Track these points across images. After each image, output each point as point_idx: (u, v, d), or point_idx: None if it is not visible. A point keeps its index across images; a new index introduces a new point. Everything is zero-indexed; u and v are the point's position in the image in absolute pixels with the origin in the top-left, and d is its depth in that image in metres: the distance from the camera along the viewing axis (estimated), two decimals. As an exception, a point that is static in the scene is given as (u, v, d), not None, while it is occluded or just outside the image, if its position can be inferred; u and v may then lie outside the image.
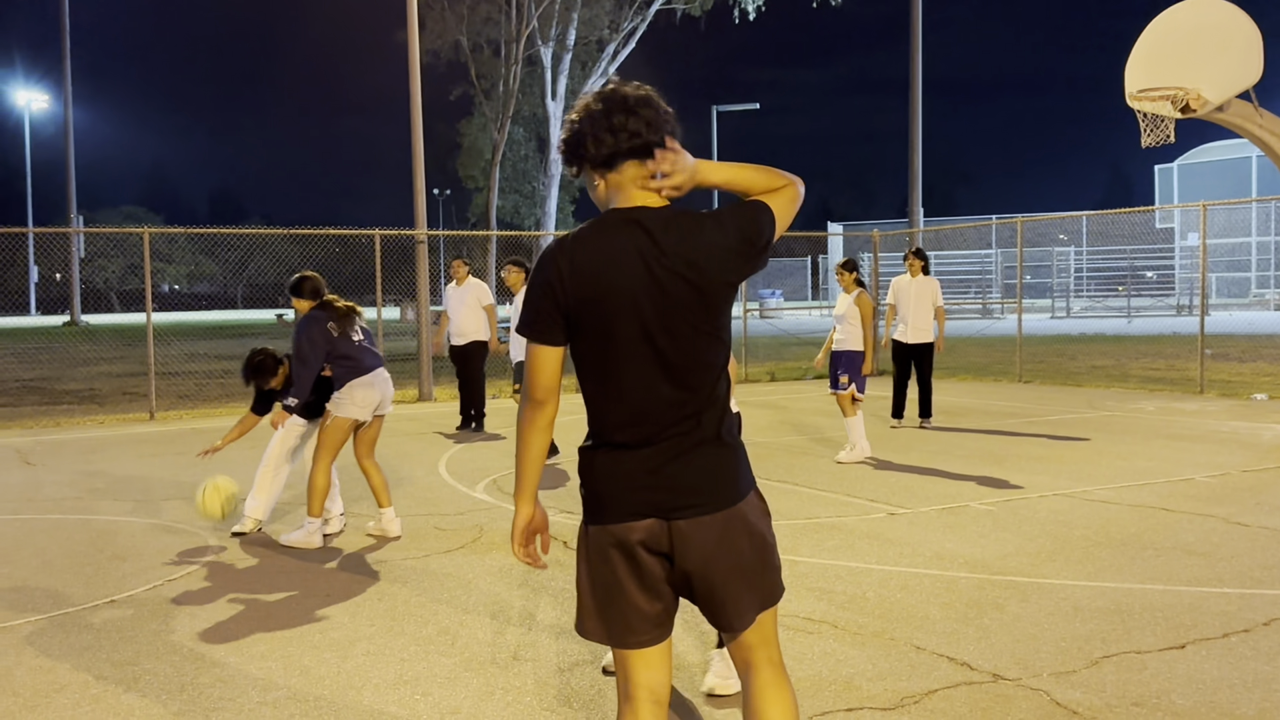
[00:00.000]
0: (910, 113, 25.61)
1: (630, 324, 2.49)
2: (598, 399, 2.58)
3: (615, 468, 2.54)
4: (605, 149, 2.54)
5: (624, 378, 2.52)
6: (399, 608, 5.39)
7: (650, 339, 2.50)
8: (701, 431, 2.54)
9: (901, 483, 8.41)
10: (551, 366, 2.57)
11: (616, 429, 2.54)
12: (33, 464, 10.38)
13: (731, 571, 2.54)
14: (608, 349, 2.52)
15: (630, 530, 2.52)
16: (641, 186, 2.56)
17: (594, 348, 2.54)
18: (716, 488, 2.54)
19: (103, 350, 28.81)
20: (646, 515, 2.52)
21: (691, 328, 2.51)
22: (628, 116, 2.53)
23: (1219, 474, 8.57)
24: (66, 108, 46.58)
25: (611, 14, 34.51)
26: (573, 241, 2.53)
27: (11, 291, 61.91)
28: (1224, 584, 5.51)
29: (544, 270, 2.54)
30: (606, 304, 2.48)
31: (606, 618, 2.58)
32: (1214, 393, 14.59)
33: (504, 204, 46.79)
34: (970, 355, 22.66)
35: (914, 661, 4.48)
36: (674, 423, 2.52)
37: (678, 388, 2.52)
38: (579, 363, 2.60)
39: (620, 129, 2.53)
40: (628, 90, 2.57)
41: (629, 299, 2.48)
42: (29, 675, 4.52)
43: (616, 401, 2.54)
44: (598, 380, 2.56)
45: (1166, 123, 9.52)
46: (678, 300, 2.49)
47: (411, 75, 16.86)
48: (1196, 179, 50.15)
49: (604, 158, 2.55)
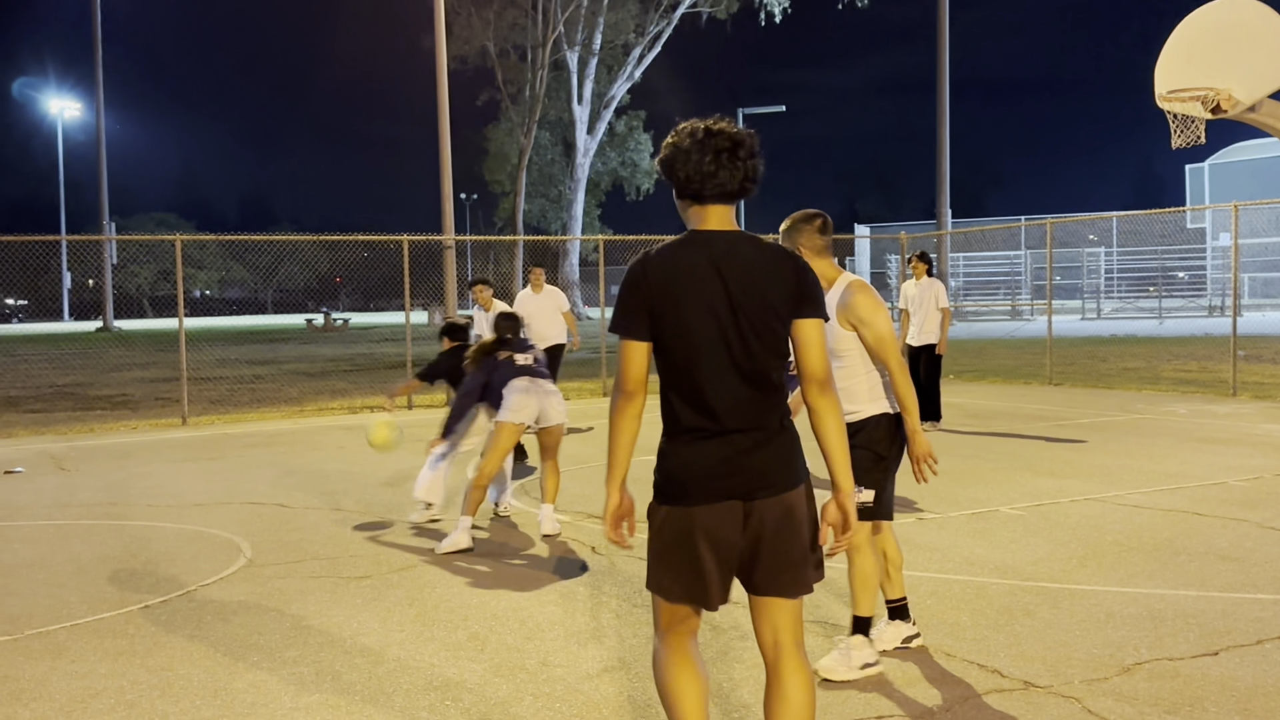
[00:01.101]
0: (938, 113, 25.51)
1: (707, 329, 2.88)
2: (675, 395, 2.93)
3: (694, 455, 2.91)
4: (701, 187, 2.92)
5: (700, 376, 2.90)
6: (429, 613, 5.42)
7: (726, 344, 2.88)
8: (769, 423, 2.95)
9: (930, 487, 8.35)
10: (640, 360, 2.92)
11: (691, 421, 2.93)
12: (67, 469, 10.50)
13: (790, 546, 2.94)
14: (687, 351, 2.90)
15: (709, 512, 2.88)
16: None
17: (674, 349, 2.91)
18: (783, 472, 2.94)
19: (135, 356, 29.11)
20: (725, 498, 2.88)
21: (757, 335, 2.89)
22: (733, 161, 2.90)
23: (1252, 478, 8.49)
24: (99, 115, 47.07)
25: (637, 18, 34.61)
26: (656, 255, 2.92)
27: (45, 297, 62.66)
28: (1258, 590, 5.46)
29: (631, 277, 2.93)
30: (685, 310, 2.87)
31: (671, 573, 2.94)
32: (1247, 395, 14.44)
33: (530, 208, 46.95)
34: (1000, 358, 22.53)
35: (945, 669, 4.46)
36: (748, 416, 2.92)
37: (750, 386, 2.90)
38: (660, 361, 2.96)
39: (717, 173, 2.91)
40: (740, 135, 2.92)
41: (706, 307, 2.86)
42: (64, 681, 4.57)
43: (693, 397, 2.90)
44: (677, 377, 2.93)
45: (1197, 123, 9.42)
46: (747, 309, 2.88)
47: (439, 81, 16.97)
48: (1228, 179, 49.61)
49: (694, 193, 2.95)
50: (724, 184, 2.90)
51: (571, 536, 7.03)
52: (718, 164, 2.88)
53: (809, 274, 2.96)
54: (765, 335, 2.89)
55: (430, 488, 7.44)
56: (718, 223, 2.94)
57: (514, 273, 30.96)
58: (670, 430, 2.95)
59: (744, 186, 2.93)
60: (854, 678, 4.34)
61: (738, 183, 2.91)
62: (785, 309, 2.91)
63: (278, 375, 22.68)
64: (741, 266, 2.87)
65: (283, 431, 13.23)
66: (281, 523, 7.68)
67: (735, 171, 2.90)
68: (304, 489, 9.01)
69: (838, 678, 4.34)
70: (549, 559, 6.47)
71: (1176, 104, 9.50)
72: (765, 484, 2.89)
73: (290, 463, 10.55)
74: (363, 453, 11.08)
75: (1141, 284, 47.20)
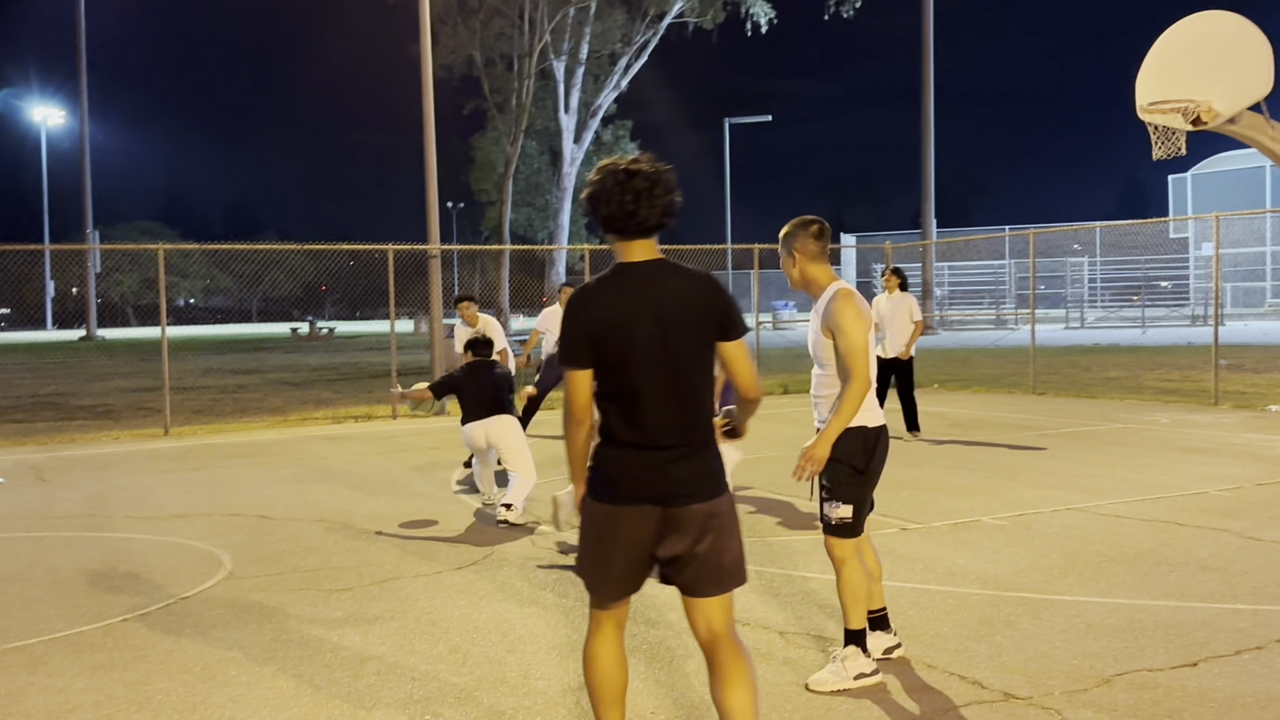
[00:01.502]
0: (923, 124, 25.62)
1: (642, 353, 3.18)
2: (613, 410, 3.24)
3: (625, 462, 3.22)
4: (624, 224, 3.20)
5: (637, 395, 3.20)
6: (410, 626, 5.40)
7: (659, 366, 3.17)
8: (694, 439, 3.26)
9: (914, 497, 8.40)
10: (586, 388, 3.24)
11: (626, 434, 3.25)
12: (47, 480, 10.44)
13: (712, 549, 3.23)
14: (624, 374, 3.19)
15: (633, 512, 3.20)
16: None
17: (613, 373, 3.21)
18: (704, 483, 3.23)
19: (118, 365, 28.99)
20: (646, 502, 3.19)
21: (687, 357, 3.19)
22: (650, 199, 3.16)
23: (1233, 487, 8.53)
24: (83, 123, 46.96)
25: (624, 27, 34.65)
26: (593, 289, 3.22)
27: (28, 306, 62.36)
28: (1237, 600, 5.48)
29: (570, 311, 3.22)
30: (621, 338, 3.16)
31: (595, 564, 3.30)
32: (1229, 404, 14.52)
33: (517, 217, 46.91)
34: (984, 367, 22.61)
35: (925, 680, 4.46)
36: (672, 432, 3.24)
37: (679, 404, 3.21)
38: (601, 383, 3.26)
39: (635, 209, 3.18)
40: (657, 174, 3.18)
41: (640, 334, 3.15)
42: (41, 695, 4.54)
43: (628, 413, 3.20)
44: (614, 397, 3.24)
45: (1178, 135, 9.49)
46: (676, 335, 3.18)
47: (425, 90, 16.95)
48: (1210, 189, 49.94)
49: (617, 229, 3.21)
50: (644, 220, 3.17)
51: (551, 548, 7.01)
52: (637, 202, 3.15)
53: (730, 299, 3.26)
54: (693, 358, 3.19)
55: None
56: (643, 254, 3.23)
57: (500, 282, 30.93)
58: (607, 438, 3.27)
59: (662, 221, 3.21)
60: (848, 687, 4.36)
61: (656, 218, 3.19)
62: (712, 333, 3.21)
63: (261, 385, 22.61)
64: (670, 295, 3.17)
65: (266, 442, 13.18)
66: (263, 534, 7.64)
67: (654, 208, 3.17)
68: (286, 500, 8.97)
69: (828, 689, 4.36)
70: (532, 571, 6.45)
71: (1158, 115, 9.56)
72: (684, 493, 3.19)
73: (273, 474, 10.51)
74: (345, 464, 11.05)
75: (1125, 293, 47.48)
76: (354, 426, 14.71)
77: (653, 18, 34.15)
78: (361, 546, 7.21)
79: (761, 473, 9.69)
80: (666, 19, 34.24)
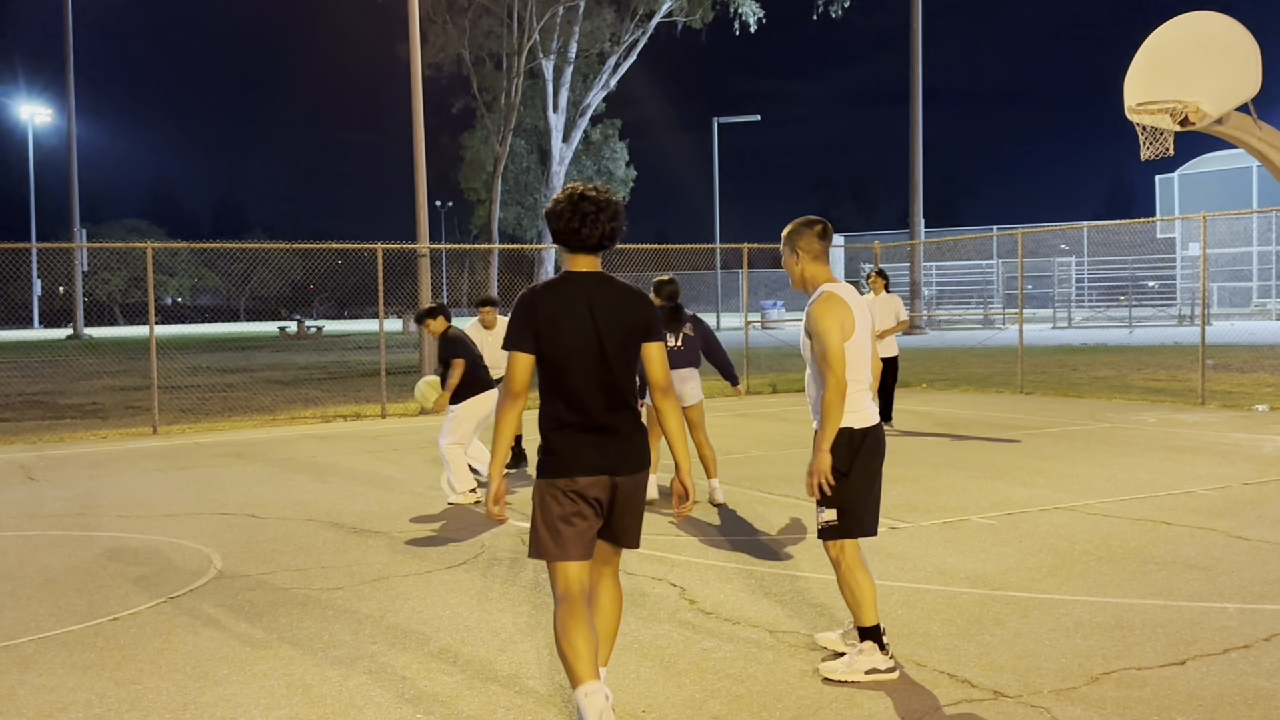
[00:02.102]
0: (911, 123, 25.67)
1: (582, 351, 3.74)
2: (557, 398, 3.79)
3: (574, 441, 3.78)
4: (568, 239, 3.76)
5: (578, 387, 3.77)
6: (401, 625, 5.41)
7: (594, 360, 3.73)
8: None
9: (902, 496, 8.42)
10: (525, 369, 3.76)
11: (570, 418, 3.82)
12: (36, 479, 10.40)
13: (638, 511, 3.90)
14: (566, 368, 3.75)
15: (591, 481, 3.75)
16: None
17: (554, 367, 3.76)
18: (637, 457, 3.83)
19: (106, 364, 28.88)
20: (600, 472, 3.75)
21: (616, 354, 3.75)
22: (595, 222, 3.71)
23: (1220, 486, 8.58)
24: (70, 121, 46.73)
25: (613, 27, 34.63)
26: (541, 290, 3.75)
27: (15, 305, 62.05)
28: (1225, 599, 5.51)
29: (520, 306, 3.76)
30: (563, 333, 3.70)
31: (558, 541, 3.76)
32: (1215, 404, 14.59)
33: (506, 216, 46.83)
34: (972, 366, 22.67)
35: (914, 679, 4.48)
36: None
37: (610, 393, 3.78)
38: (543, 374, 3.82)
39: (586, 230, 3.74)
40: (603, 201, 3.73)
41: (579, 332, 3.72)
42: (31, 695, 4.53)
43: (570, 399, 3.77)
44: (556, 386, 3.79)
45: (1166, 135, 9.53)
46: (609, 335, 3.74)
47: (413, 89, 16.94)
48: (1198, 189, 50.15)
49: (564, 243, 3.78)
50: (586, 239, 3.73)
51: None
52: (582, 223, 3.70)
53: (653, 308, 3.86)
54: (621, 355, 3.75)
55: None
56: (585, 266, 3.79)
57: (489, 280, 30.86)
58: (552, 425, 3.79)
59: (602, 243, 3.75)
60: (855, 679, 4.42)
61: (597, 239, 3.73)
62: (637, 335, 3.78)
63: (250, 383, 22.54)
64: (605, 302, 3.74)
65: (255, 440, 13.15)
66: (253, 533, 7.63)
67: (595, 230, 3.71)
68: (275, 499, 8.96)
69: (838, 677, 4.44)
70: (523, 571, 6.46)
71: (1146, 116, 9.60)
72: (625, 465, 3.79)
73: (262, 472, 10.49)
74: (335, 463, 11.04)
75: (1112, 293, 47.65)
76: (343, 425, 14.69)
77: (641, 17, 34.14)
78: (352, 545, 7.21)
79: (751, 471, 9.71)
80: (655, 18, 34.24)
